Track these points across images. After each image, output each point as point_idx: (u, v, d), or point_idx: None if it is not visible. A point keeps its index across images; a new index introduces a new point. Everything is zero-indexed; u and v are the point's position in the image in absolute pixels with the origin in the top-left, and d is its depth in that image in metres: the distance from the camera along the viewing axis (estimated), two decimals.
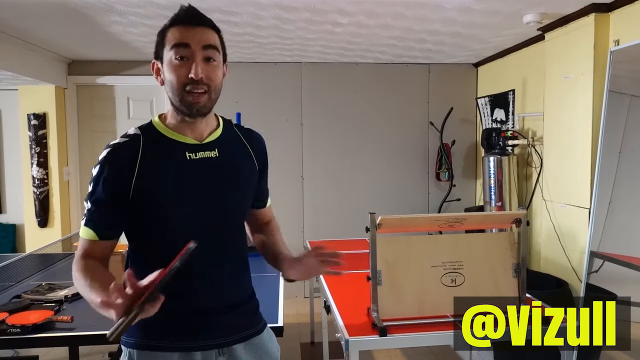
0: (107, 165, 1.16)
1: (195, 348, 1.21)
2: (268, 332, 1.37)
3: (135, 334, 1.21)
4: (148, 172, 1.17)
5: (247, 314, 1.33)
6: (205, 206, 1.21)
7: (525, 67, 3.92)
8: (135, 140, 1.20)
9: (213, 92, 1.19)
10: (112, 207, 1.17)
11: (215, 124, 1.29)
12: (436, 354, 3.33)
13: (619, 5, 2.80)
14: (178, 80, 1.15)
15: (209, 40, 1.17)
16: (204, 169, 1.21)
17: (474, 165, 4.93)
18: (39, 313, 1.95)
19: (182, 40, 1.15)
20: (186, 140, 1.22)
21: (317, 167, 4.75)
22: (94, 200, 1.17)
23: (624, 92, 2.71)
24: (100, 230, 1.18)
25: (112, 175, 1.15)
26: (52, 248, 3.35)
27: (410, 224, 2.03)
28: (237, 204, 1.29)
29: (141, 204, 1.17)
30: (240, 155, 1.30)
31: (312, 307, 3.64)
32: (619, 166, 2.71)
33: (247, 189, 1.32)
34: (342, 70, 4.70)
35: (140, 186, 1.16)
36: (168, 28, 1.20)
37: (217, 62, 1.19)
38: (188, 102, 1.16)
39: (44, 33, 3.49)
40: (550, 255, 3.41)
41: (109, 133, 4.64)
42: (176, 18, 1.19)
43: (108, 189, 1.15)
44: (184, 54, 1.15)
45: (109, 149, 1.18)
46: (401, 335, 1.82)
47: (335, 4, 2.86)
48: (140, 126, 1.25)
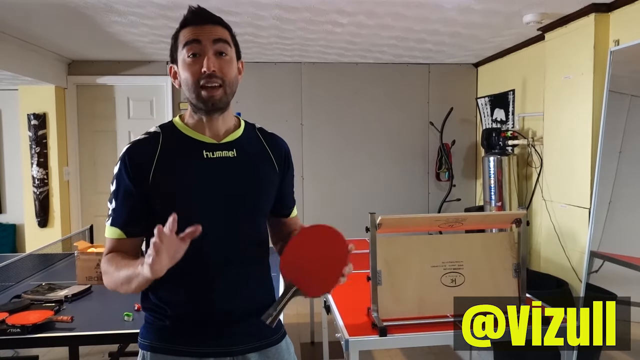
0: (127, 161, 1.17)
1: (207, 354, 1.20)
2: (287, 342, 1.32)
3: (151, 336, 1.21)
4: (165, 168, 1.17)
5: (263, 323, 1.29)
6: (221, 206, 1.20)
7: (525, 67, 3.92)
8: (155, 138, 1.21)
9: (228, 86, 1.19)
10: (134, 202, 1.17)
11: (235, 125, 1.29)
12: (436, 354, 3.33)
13: (619, 5, 2.80)
14: (192, 76, 1.16)
15: (218, 34, 1.18)
16: (221, 168, 1.21)
17: (474, 165, 4.93)
18: (39, 313, 1.95)
19: (193, 37, 1.16)
20: (204, 139, 1.22)
21: (317, 167, 4.75)
22: (118, 197, 1.18)
23: (624, 92, 2.71)
24: (126, 228, 1.18)
25: (132, 171, 1.17)
26: (52, 248, 3.35)
27: (410, 224, 2.02)
28: (254, 206, 1.26)
29: (157, 200, 1.17)
30: (259, 157, 1.29)
31: (312, 307, 3.63)
32: (619, 166, 2.71)
33: (264, 191, 1.28)
34: (342, 70, 4.70)
35: (157, 183, 1.16)
36: (179, 30, 1.21)
37: (229, 57, 1.20)
38: (204, 97, 1.16)
39: (44, 33, 3.49)
40: (550, 255, 3.41)
41: (109, 133, 4.65)
42: (186, 19, 1.20)
43: (129, 185, 1.17)
44: (196, 50, 1.16)
45: (129, 146, 1.20)
46: (401, 335, 1.82)
47: (335, 4, 2.86)
48: (161, 124, 1.26)
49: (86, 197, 4.67)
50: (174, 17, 3.07)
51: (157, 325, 1.21)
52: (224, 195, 1.21)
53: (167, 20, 3.14)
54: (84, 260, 2.52)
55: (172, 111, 4.54)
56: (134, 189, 1.17)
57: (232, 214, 1.21)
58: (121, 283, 1.10)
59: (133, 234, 1.19)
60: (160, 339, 1.20)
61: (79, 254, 2.54)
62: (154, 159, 1.17)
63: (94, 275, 2.50)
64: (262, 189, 1.27)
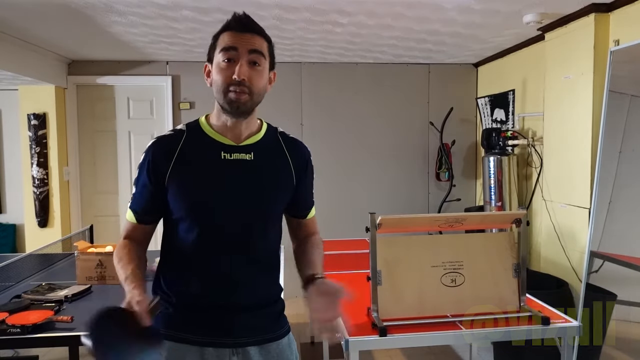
0: (150, 153, 1.26)
1: (208, 344, 1.23)
2: (289, 339, 1.35)
3: (155, 323, 1.23)
4: (182, 166, 1.24)
5: (268, 318, 1.32)
6: (233, 205, 1.24)
7: (525, 67, 3.92)
8: (179, 135, 1.28)
9: (255, 95, 1.24)
10: (151, 192, 1.25)
11: (257, 129, 1.33)
12: (436, 354, 3.33)
13: (619, 5, 2.80)
14: (223, 80, 1.21)
15: (255, 45, 1.23)
16: (236, 170, 1.26)
17: (474, 165, 4.93)
18: (39, 313, 1.95)
19: (230, 44, 1.22)
20: (224, 140, 1.27)
21: (316, 167, 4.70)
22: (138, 184, 1.28)
23: (624, 92, 2.71)
24: (139, 214, 1.28)
25: (153, 163, 1.24)
26: (52, 248, 3.35)
27: (410, 224, 2.03)
28: (264, 208, 1.30)
29: (171, 196, 1.23)
30: (277, 161, 1.33)
31: None
32: (619, 166, 2.71)
33: (277, 194, 1.32)
34: (342, 70, 4.70)
35: (173, 179, 1.23)
36: (221, 33, 1.26)
37: (261, 68, 1.24)
38: (230, 99, 1.21)
39: (44, 33, 3.49)
40: (550, 255, 3.41)
41: (109, 133, 4.65)
42: (229, 24, 1.26)
43: (148, 175, 1.25)
44: (231, 56, 1.21)
45: (154, 140, 1.29)
46: (401, 335, 1.82)
47: (335, 4, 2.86)
48: (188, 123, 1.33)
49: (86, 197, 4.67)
50: (174, 17, 3.07)
51: (162, 312, 1.24)
52: (237, 196, 1.25)
53: (167, 20, 3.15)
54: (84, 260, 2.52)
55: (172, 111, 4.53)
56: (150, 184, 1.25)
57: (243, 214, 1.26)
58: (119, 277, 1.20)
59: (144, 221, 1.29)
60: (164, 325, 1.24)
61: (79, 254, 2.55)
62: (174, 156, 1.24)
63: (94, 275, 2.51)
64: (275, 192, 1.31)
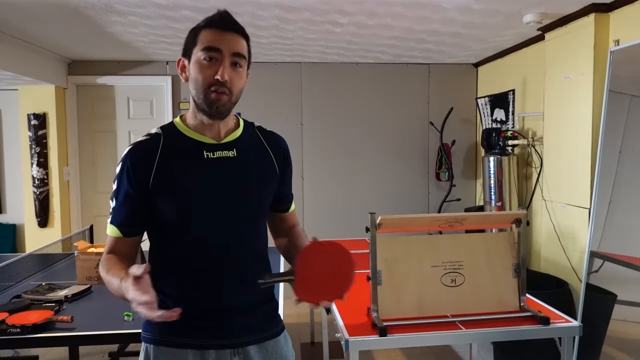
0: (128, 162, 1.21)
1: (209, 346, 1.23)
2: (285, 336, 1.36)
3: (153, 329, 1.24)
4: (166, 170, 1.21)
5: (264, 316, 1.32)
6: (221, 205, 1.23)
7: (525, 67, 3.92)
8: (156, 138, 1.25)
9: (234, 96, 1.23)
10: (134, 203, 1.21)
11: (234, 125, 1.32)
12: (436, 354, 3.33)
13: (619, 5, 2.80)
14: (204, 79, 1.19)
15: (238, 48, 1.21)
16: (221, 168, 1.24)
17: (474, 165, 4.93)
18: (39, 313, 1.95)
19: (214, 44, 1.19)
20: (204, 139, 1.25)
21: (317, 167, 4.75)
22: (118, 197, 1.23)
23: (624, 92, 2.70)
24: (123, 227, 1.23)
25: (133, 171, 1.20)
26: (52, 248, 3.35)
27: (410, 224, 2.03)
28: (254, 204, 1.29)
29: (158, 201, 1.20)
30: (259, 156, 1.32)
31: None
32: (619, 166, 2.71)
33: (265, 189, 1.32)
34: (342, 70, 4.70)
35: (158, 185, 1.20)
36: (202, 29, 1.23)
37: (242, 69, 1.24)
38: (210, 99, 1.19)
39: (44, 33, 3.49)
40: (550, 255, 3.41)
41: (109, 133, 4.65)
42: (211, 21, 1.22)
43: (129, 185, 1.20)
44: (214, 56, 1.19)
45: (130, 147, 1.24)
46: (401, 335, 1.82)
47: (335, 4, 2.86)
48: (162, 126, 1.29)
49: (86, 197, 4.67)
50: (174, 17, 3.07)
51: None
52: (225, 194, 1.24)
53: (167, 20, 3.15)
54: (84, 260, 2.52)
55: (172, 111, 4.54)
56: (133, 192, 1.20)
57: (233, 212, 1.25)
58: (111, 289, 1.16)
59: (130, 234, 1.24)
60: (163, 332, 1.23)
61: (79, 254, 2.55)
62: (155, 161, 1.21)
63: (94, 275, 2.50)
64: (262, 186, 1.31)
